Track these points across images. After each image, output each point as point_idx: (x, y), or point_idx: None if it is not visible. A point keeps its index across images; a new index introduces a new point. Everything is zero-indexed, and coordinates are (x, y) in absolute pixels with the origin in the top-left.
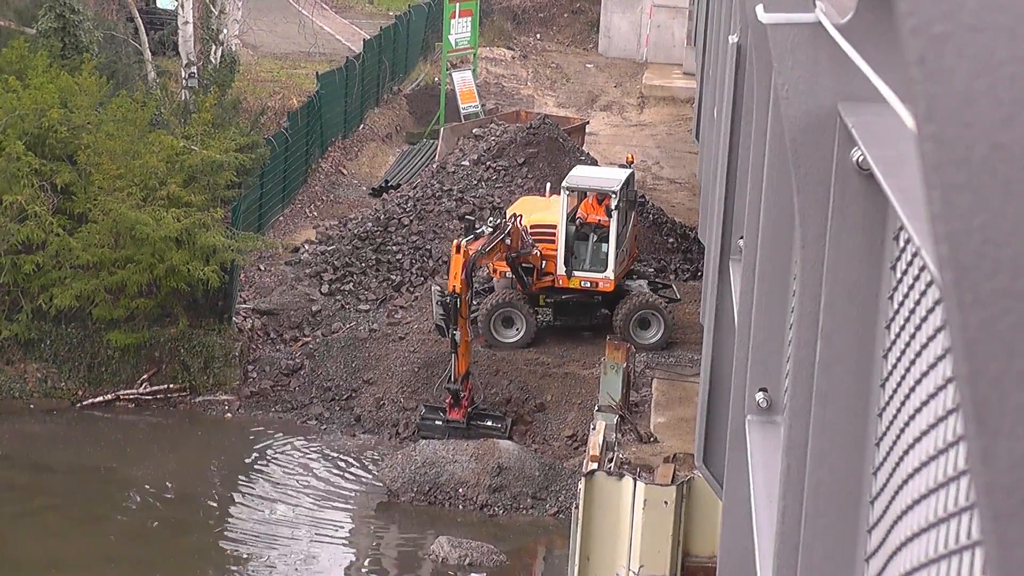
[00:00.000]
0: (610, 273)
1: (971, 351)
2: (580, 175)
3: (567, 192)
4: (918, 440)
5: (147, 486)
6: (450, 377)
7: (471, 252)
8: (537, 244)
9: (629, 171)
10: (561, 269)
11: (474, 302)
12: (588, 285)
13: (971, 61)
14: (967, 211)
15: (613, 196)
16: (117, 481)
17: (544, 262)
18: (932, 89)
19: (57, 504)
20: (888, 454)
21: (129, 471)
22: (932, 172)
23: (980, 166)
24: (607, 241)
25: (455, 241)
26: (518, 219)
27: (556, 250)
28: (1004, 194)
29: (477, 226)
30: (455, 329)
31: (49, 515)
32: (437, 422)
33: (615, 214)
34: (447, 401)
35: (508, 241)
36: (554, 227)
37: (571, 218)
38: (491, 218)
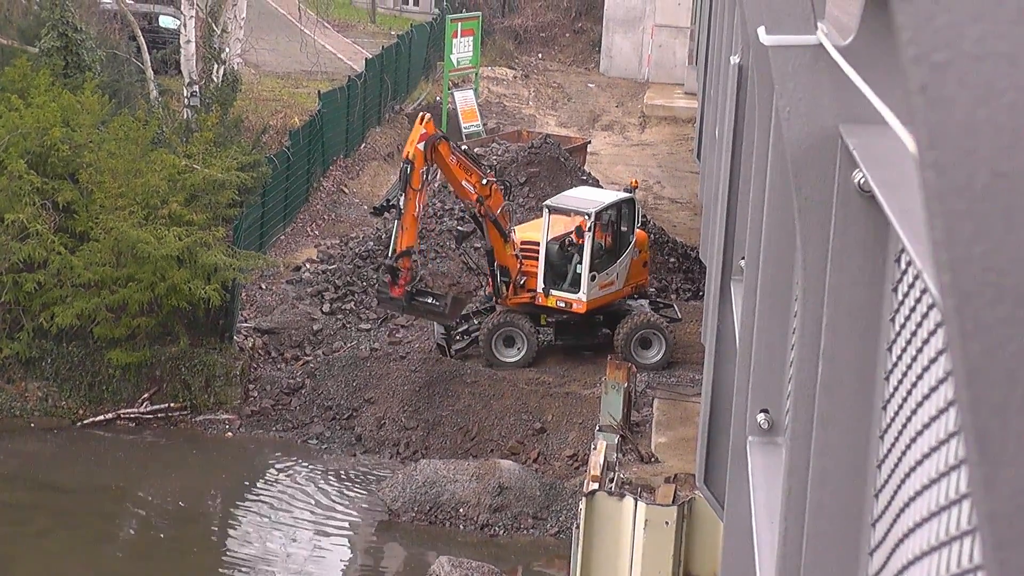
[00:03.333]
0: (582, 295)
1: (973, 379)
2: (569, 195)
3: (548, 211)
4: (920, 463)
5: (148, 505)
6: (390, 253)
7: (437, 132)
8: (524, 260)
9: (629, 196)
10: (541, 287)
11: (475, 321)
12: (563, 305)
13: (972, 89)
14: (969, 239)
15: (587, 218)
16: (118, 500)
17: (524, 278)
18: (934, 117)
19: (58, 523)
20: (890, 477)
21: (130, 490)
22: (934, 200)
23: (982, 194)
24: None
25: (421, 113)
26: (498, 183)
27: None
28: (1006, 222)
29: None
30: (400, 196)
31: (50, 534)
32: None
33: (588, 236)
34: (386, 279)
35: (484, 182)
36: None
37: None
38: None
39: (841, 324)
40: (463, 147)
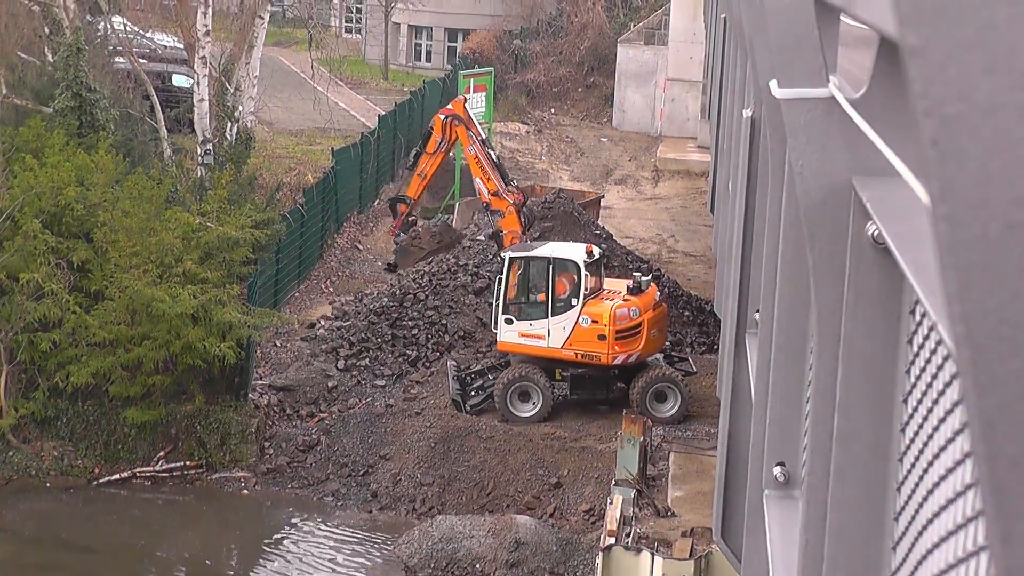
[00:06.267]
0: (496, 332)
1: (989, 431)
2: (534, 244)
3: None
4: (936, 516)
5: (165, 563)
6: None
7: (461, 115)
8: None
9: (569, 258)
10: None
11: (490, 376)
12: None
13: (985, 142)
14: (983, 291)
15: (503, 261)
16: (135, 559)
17: None
18: (946, 170)
19: None
20: (907, 529)
21: (147, 549)
22: (947, 252)
23: (995, 246)
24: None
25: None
26: (519, 210)
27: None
28: (1020, 274)
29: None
30: (418, 151)
31: None
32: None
33: (499, 278)
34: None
35: (496, 193)
36: None
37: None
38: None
39: (856, 376)
40: (493, 154)
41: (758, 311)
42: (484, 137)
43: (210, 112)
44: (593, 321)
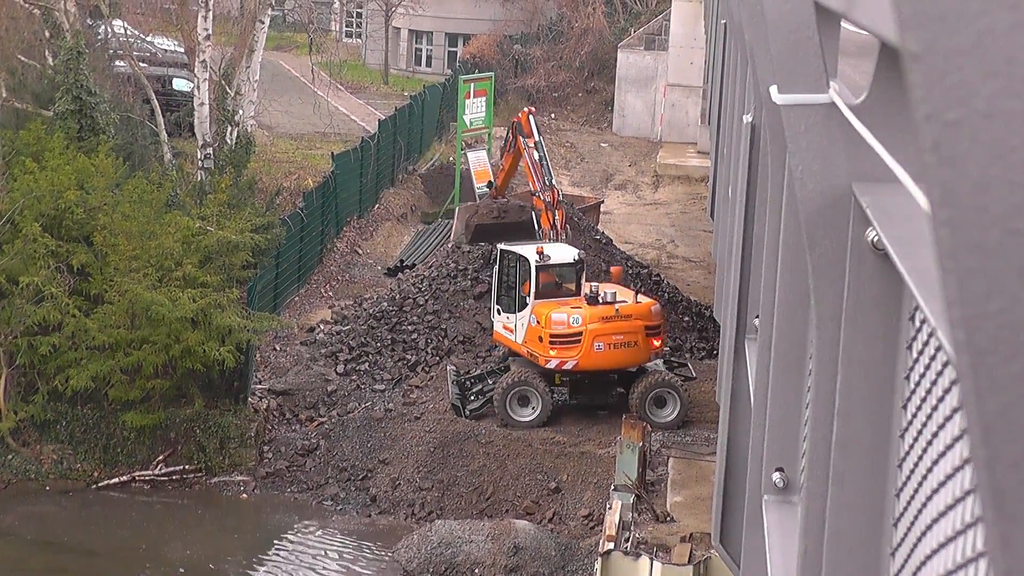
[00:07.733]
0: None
1: (988, 436)
2: (518, 241)
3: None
4: (936, 521)
5: (165, 567)
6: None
7: (523, 127)
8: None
9: (522, 255)
10: None
11: (489, 381)
12: None
13: (985, 147)
14: (983, 296)
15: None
16: (133, 562)
17: None
18: (946, 175)
19: None
20: (906, 535)
21: (147, 552)
22: (947, 257)
23: (995, 252)
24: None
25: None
26: (551, 208)
27: None
28: (1020, 279)
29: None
30: (502, 148)
31: None
32: None
33: (494, 268)
34: None
35: (534, 192)
36: None
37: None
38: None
39: (856, 382)
40: (537, 155)
41: (758, 316)
42: (537, 140)
43: (210, 116)
44: (537, 322)
